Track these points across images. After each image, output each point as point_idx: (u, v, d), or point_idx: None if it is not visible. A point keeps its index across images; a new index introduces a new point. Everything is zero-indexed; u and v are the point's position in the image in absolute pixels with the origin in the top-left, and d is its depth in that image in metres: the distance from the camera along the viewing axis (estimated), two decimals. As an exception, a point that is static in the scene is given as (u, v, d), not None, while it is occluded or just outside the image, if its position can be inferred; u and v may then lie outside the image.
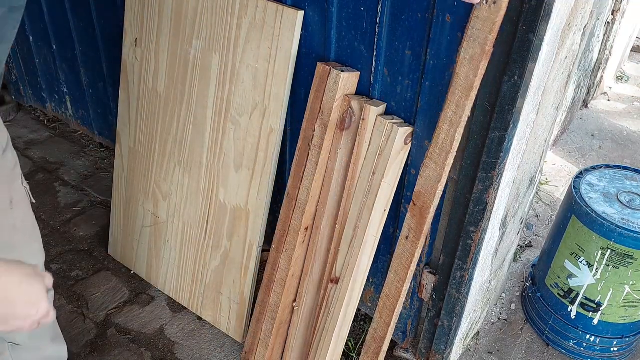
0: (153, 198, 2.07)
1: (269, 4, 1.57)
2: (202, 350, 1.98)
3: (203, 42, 1.76)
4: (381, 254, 1.81)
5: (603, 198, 1.80)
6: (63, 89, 2.86)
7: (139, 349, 1.97)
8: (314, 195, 1.65)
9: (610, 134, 3.42)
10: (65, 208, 2.58)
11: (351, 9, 1.46)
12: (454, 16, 1.27)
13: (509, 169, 1.42)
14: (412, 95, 1.46)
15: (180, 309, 2.11)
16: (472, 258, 1.54)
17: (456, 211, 1.52)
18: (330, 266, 1.66)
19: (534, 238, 2.56)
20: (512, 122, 1.28)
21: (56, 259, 2.31)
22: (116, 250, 2.29)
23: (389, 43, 1.44)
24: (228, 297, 1.96)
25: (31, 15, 2.70)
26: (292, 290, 1.77)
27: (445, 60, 1.34)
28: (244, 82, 1.70)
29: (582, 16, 1.39)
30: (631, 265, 1.73)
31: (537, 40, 1.17)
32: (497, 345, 2.04)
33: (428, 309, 1.77)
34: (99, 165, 2.88)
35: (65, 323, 2.04)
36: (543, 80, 1.34)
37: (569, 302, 1.93)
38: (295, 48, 1.59)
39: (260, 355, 1.85)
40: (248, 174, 1.78)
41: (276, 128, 1.68)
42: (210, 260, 1.97)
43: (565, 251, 1.87)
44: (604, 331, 1.92)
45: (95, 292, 2.18)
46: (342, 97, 1.53)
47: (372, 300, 1.98)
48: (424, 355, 1.87)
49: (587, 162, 3.13)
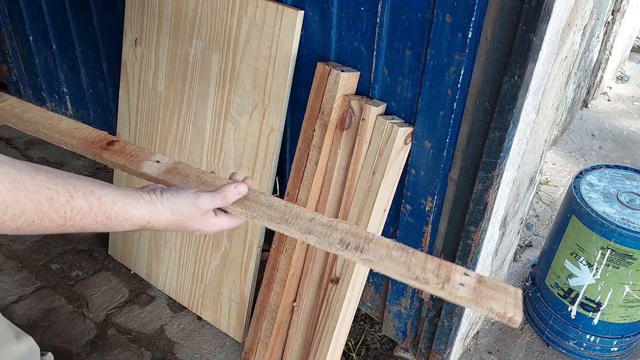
0: (153, 198, 2.07)
1: (269, 3, 1.57)
2: (202, 350, 1.98)
3: (203, 41, 1.76)
4: (381, 253, 1.81)
5: (603, 198, 1.80)
6: (63, 88, 2.86)
7: (139, 349, 1.97)
8: (314, 195, 1.65)
9: (610, 134, 3.42)
10: (65, 208, 2.58)
11: (351, 8, 1.46)
12: (454, 16, 1.27)
13: (509, 169, 1.42)
14: (412, 95, 1.46)
15: (180, 309, 2.11)
16: (472, 258, 1.54)
17: (456, 211, 1.52)
18: (330, 266, 1.66)
19: (534, 238, 2.56)
20: (512, 122, 1.28)
21: (56, 259, 2.31)
22: (116, 250, 2.29)
23: (389, 43, 1.44)
24: (228, 297, 1.96)
25: (31, 15, 2.70)
26: (292, 290, 1.77)
27: (445, 60, 1.34)
28: (243, 82, 1.70)
29: (582, 16, 1.39)
30: (631, 265, 1.73)
31: (537, 40, 1.17)
32: (497, 345, 2.04)
33: (428, 308, 1.77)
34: (99, 165, 2.88)
35: (65, 323, 2.05)
36: (543, 80, 1.34)
37: (569, 302, 1.93)
38: (295, 48, 1.59)
39: (260, 355, 1.85)
40: (248, 174, 1.78)
41: (276, 128, 1.68)
42: (210, 260, 1.97)
43: (565, 251, 1.87)
44: (604, 331, 1.92)
45: (95, 292, 2.18)
46: (342, 97, 1.53)
47: (372, 300, 1.99)
48: (424, 355, 1.87)
49: (587, 162, 3.13)
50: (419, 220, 1.63)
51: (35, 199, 0.72)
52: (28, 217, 0.72)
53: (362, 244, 0.91)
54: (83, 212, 0.78)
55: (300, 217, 0.96)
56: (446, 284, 0.87)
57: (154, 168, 1.04)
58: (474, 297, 0.85)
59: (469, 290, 0.86)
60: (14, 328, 1.47)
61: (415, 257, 0.90)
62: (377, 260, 0.89)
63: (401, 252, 0.91)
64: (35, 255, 2.32)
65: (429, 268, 0.89)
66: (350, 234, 0.93)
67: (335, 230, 0.94)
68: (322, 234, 0.93)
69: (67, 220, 0.77)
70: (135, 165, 1.04)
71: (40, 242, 2.38)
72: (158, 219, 0.88)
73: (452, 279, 0.88)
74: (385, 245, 0.92)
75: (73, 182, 0.78)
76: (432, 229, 1.63)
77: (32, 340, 1.49)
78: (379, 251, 0.90)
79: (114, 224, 0.83)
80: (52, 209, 0.74)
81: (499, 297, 0.85)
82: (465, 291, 0.86)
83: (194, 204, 0.91)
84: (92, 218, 0.80)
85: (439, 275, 0.88)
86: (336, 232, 0.93)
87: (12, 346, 1.41)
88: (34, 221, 0.73)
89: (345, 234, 0.93)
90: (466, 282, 0.87)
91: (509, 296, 0.86)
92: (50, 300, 2.13)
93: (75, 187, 0.78)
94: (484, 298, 0.85)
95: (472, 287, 0.87)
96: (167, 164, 1.05)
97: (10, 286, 2.18)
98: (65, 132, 1.12)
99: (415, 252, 0.91)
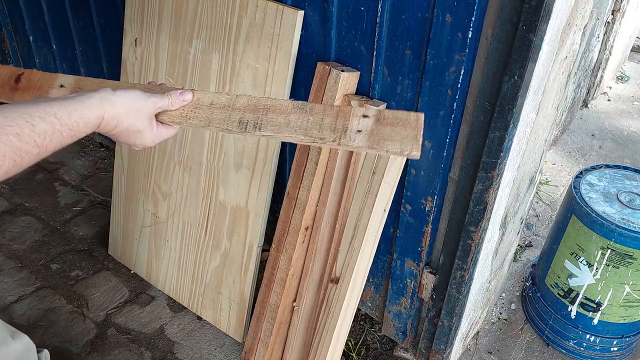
0: (153, 198, 2.07)
1: (269, 3, 1.57)
2: (202, 350, 1.98)
3: (203, 41, 1.76)
4: (381, 253, 1.81)
5: (603, 198, 1.80)
6: (63, 88, 2.86)
7: (139, 349, 1.97)
8: (314, 195, 1.65)
9: (610, 134, 3.42)
10: (65, 208, 2.58)
11: (351, 8, 1.46)
12: (454, 16, 1.27)
13: (509, 169, 1.42)
14: (412, 95, 1.46)
15: (180, 309, 2.11)
16: (472, 258, 1.54)
17: (456, 211, 1.52)
18: (330, 266, 1.66)
19: (534, 238, 2.56)
20: (512, 121, 1.28)
21: (56, 259, 2.31)
22: (116, 250, 2.29)
23: (389, 43, 1.44)
24: (228, 297, 1.96)
25: (31, 15, 2.70)
26: (292, 290, 1.77)
27: (445, 60, 1.34)
28: (243, 81, 1.70)
29: (582, 16, 1.39)
30: (631, 265, 1.73)
31: (537, 40, 1.17)
32: (497, 345, 2.04)
33: (428, 308, 1.77)
34: (98, 165, 2.88)
35: (65, 323, 2.05)
36: (543, 80, 1.34)
37: (569, 302, 1.93)
38: (295, 48, 1.59)
39: (260, 355, 1.85)
40: (248, 174, 1.78)
41: (276, 128, 1.68)
42: (210, 260, 1.97)
43: (565, 251, 1.87)
44: (603, 331, 1.92)
45: (95, 291, 2.18)
46: (342, 97, 1.53)
47: (372, 300, 1.99)
48: (424, 355, 1.87)
49: (587, 162, 3.13)
50: (419, 220, 1.63)
51: (6, 140, 0.75)
52: (10, 158, 0.76)
53: (260, 118, 0.93)
54: (49, 133, 0.81)
55: (199, 106, 0.97)
56: (342, 137, 0.87)
57: (61, 94, 1.05)
58: (370, 142, 0.86)
59: (366, 135, 0.87)
60: (9, 328, 1.48)
61: (313, 114, 0.91)
62: (275, 133, 0.91)
63: (299, 114, 0.92)
64: (35, 255, 2.32)
65: (326, 123, 0.90)
66: (248, 110, 0.94)
67: (234, 110, 0.94)
68: (222, 120, 0.94)
69: (39, 146, 0.80)
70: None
71: (40, 242, 2.38)
72: (113, 112, 0.91)
73: (350, 128, 0.88)
74: (283, 110, 0.93)
75: (26, 110, 0.80)
76: (432, 229, 1.63)
77: (28, 338, 1.49)
78: (278, 121, 0.92)
79: (78, 132, 0.86)
80: (23, 141, 0.77)
81: (397, 134, 0.86)
82: (362, 139, 0.86)
83: (147, 99, 0.95)
84: (59, 135, 0.83)
85: (336, 129, 0.89)
86: (235, 113, 0.94)
87: (8, 346, 1.42)
88: (16, 160, 0.77)
89: (243, 112, 0.94)
90: (364, 127, 0.88)
91: (407, 128, 0.86)
92: (50, 300, 2.13)
93: (31, 114, 0.80)
94: (380, 140, 0.85)
95: (369, 131, 0.87)
96: (71, 84, 1.06)
97: (10, 286, 2.18)
98: None
99: (313, 108, 0.92)
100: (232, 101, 0.95)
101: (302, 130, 0.90)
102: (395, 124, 0.87)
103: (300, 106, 0.92)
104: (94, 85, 1.05)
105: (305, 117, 0.91)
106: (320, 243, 1.69)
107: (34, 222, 2.49)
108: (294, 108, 0.92)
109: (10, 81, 1.10)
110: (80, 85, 1.06)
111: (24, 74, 1.10)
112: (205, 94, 0.99)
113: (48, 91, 1.06)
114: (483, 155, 1.36)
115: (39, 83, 1.08)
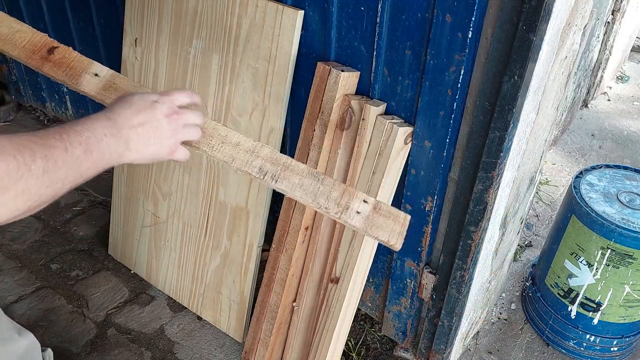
0: (153, 198, 2.07)
1: (269, 3, 1.57)
2: (202, 350, 1.98)
3: (203, 41, 1.76)
4: (381, 253, 1.81)
5: (603, 198, 1.80)
6: (63, 88, 2.86)
7: (139, 349, 1.97)
8: (314, 195, 1.65)
9: (610, 134, 3.42)
10: (65, 208, 2.58)
11: (351, 8, 1.46)
12: (454, 16, 1.27)
13: (509, 169, 1.42)
14: (412, 94, 1.46)
15: (180, 309, 2.11)
16: (472, 258, 1.54)
17: (456, 211, 1.52)
18: (330, 266, 1.66)
19: (534, 238, 2.56)
20: (512, 121, 1.28)
21: (56, 259, 2.31)
22: (116, 250, 2.29)
23: (389, 43, 1.44)
24: (228, 297, 1.96)
25: (31, 15, 2.70)
26: (292, 290, 1.77)
27: (445, 60, 1.34)
28: (243, 82, 1.70)
29: (582, 16, 1.39)
30: (631, 265, 1.73)
31: (537, 40, 1.17)
32: (497, 345, 2.04)
33: (428, 308, 1.77)
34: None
35: (65, 323, 2.05)
36: (543, 80, 1.34)
37: (569, 301, 1.93)
38: (295, 48, 1.59)
39: (260, 355, 1.85)
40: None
41: (276, 128, 1.68)
42: (210, 260, 1.97)
43: (565, 251, 1.87)
44: (603, 331, 1.92)
45: (95, 291, 2.18)
46: (342, 97, 1.53)
47: (372, 300, 1.99)
48: (424, 354, 1.87)
49: (587, 162, 3.13)
50: (419, 220, 1.63)
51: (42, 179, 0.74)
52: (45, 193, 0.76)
53: (278, 172, 1.00)
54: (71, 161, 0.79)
55: (227, 142, 1.02)
56: (344, 212, 0.97)
57: (92, 84, 1.05)
58: (365, 225, 0.97)
59: (363, 218, 0.97)
60: (15, 325, 1.48)
61: (324, 184, 1.00)
62: (288, 190, 0.99)
63: (312, 180, 1.00)
64: (35, 255, 2.32)
65: (333, 196, 0.99)
66: (269, 161, 1.00)
67: (256, 158, 1.01)
68: (244, 162, 1.00)
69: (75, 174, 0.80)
70: (74, 81, 1.06)
71: (40, 242, 2.38)
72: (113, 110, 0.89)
73: (351, 207, 0.98)
74: (299, 172, 1.00)
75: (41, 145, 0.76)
76: (432, 229, 1.63)
77: (33, 336, 1.50)
78: (293, 180, 0.99)
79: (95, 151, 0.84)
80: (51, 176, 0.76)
81: (387, 225, 0.98)
82: (360, 220, 0.97)
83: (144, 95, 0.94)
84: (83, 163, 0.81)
85: (340, 204, 0.98)
86: (257, 160, 1.00)
87: (15, 343, 1.42)
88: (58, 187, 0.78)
89: (264, 161, 1.00)
90: (363, 210, 0.98)
91: (397, 224, 0.99)
92: (50, 300, 2.13)
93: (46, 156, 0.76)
94: (373, 227, 0.97)
95: (366, 215, 0.98)
96: (106, 76, 1.06)
97: (10, 286, 2.18)
98: (6, 37, 1.12)
99: (325, 179, 1.00)
100: (257, 148, 1.02)
101: (312, 195, 0.98)
102: (388, 217, 0.99)
103: (314, 174, 1.01)
104: (129, 87, 1.05)
105: (316, 184, 1.00)
106: (320, 243, 1.69)
107: (33, 222, 2.49)
108: (308, 174, 1.01)
109: (42, 50, 1.10)
110: (115, 81, 1.06)
111: (59, 47, 1.09)
112: (234, 134, 1.03)
113: (80, 74, 1.06)
114: (483, 155, 1.36)
115: (73, 63, 1.08)
